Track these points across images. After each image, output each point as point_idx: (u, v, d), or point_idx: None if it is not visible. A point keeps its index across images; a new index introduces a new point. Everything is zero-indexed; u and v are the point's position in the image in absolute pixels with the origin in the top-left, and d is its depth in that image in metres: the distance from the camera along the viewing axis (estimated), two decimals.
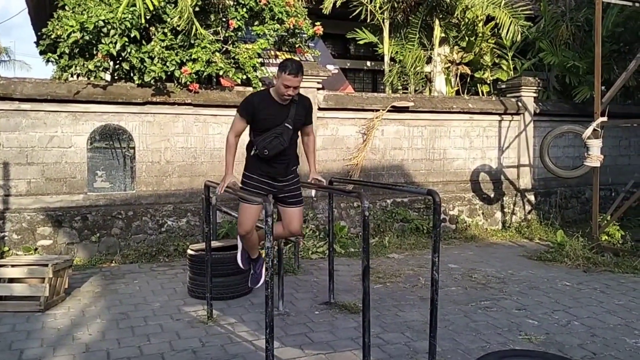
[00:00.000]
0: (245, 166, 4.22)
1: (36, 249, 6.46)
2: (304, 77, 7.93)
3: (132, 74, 6.89)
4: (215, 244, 5.36)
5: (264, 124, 4.03)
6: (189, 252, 5.34)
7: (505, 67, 10.76)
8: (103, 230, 6.77)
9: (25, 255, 6.19)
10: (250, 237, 4.23)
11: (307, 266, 6.48)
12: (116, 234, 6.83)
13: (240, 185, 4.18)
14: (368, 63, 13.53)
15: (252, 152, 4.13)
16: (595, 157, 7.12)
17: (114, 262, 6.64)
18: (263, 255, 4.41)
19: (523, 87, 9.26)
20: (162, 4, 6.61)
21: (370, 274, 3.80)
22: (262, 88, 7.39)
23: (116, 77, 7.11)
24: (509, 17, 9.49)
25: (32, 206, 6.55)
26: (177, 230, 7.10)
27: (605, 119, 7.09)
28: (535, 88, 9.37)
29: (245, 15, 7.15)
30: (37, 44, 7.11)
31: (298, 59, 8.84)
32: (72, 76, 6.74)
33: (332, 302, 5.06)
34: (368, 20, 10.29)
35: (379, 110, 8.22)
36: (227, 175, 4.13)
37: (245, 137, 4.26)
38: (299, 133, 4.33)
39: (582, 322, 4.67)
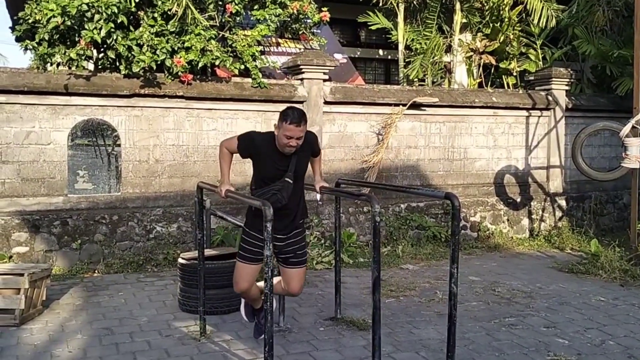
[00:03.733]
0: (245, 220, 4.28)
1: (11, 257, 6.50)
2: (311, 67, 7.99)
3: (118, 64, 6.93)
4: (209, 252, 5.39)
5: (262, 169, 4.09)
6: (180, 261, 5.37)
7: (533, 57, 10.76)
8: (85, 237, 6.81)
9: None
10: (248, 294, 4.26)
11: (311, 278, 6.49)
12: (99, 241, 6.88)
13: (240, 241, 4.24)
14: (380, 52, 13.56)
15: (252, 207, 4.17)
16: (634, 157, 7.10)
17: (96, 271, 6.68)
18: None
19: (554, 79, 9.25)
20: None
21: (381, 287, 3.81)
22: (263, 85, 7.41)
23: (100, 67, 7.16)
24: (540, 1, 9.49)
25: (6, 209, 6.60)
26: (166, 236, 7.14)
27: None
28: (567, 80, 9.35)
29: None
30: (13, 29, 7.17)
31: (302, 46, 8.91)
32: (51, 65, 6.79)
33: (339, 318, 5.07)
34: (381, 4, 10.33)
35: (392, 104, 8.24)
36: (224, 184, 4.17)
37: None
38: None
39: (618, 342, 4.66)
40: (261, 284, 4.34)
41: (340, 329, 4.86)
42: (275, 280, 4.32)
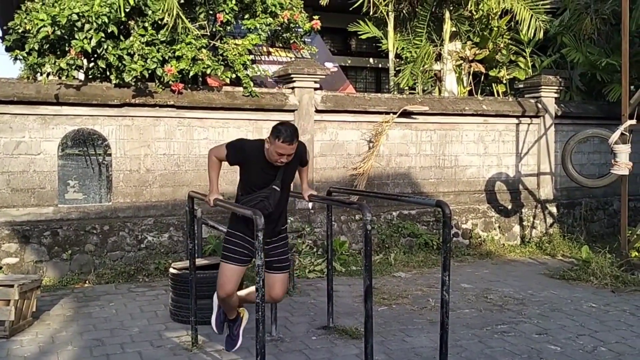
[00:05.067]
0: (229, 223, 4.25)
1: (0, 268, 6.45)
2: (302, 76, 7.99)
3: (108, 73, 6.92)
4: (200, 261, 5.37)
5: (250, 177, 4.08)
6: (172, 270, 5.34)
7: (522, 65, 10.82)
8: (75, 247, 6.77)
9: None
10: (231, 299, 4.19)
11: (303, 286, 6.48)
12: (90, 251, 6.83)
13: (223, 243, 4.20)
14: (371, 60, 13.61)
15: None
16: (623, 164, 7.15)
17: (87, 282, 6.63)
18: (242, 315, 4.37)
19: (543, 87, 9.31)
20: None
21: (373, 295, 3.81)
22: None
23: (91, 77, 7.15)
24: (529, 11, 9.57)
25: None
26: (158, 246, 7.10)
27: (634, 121, 7.13)
28: (556, 88, 9.42)
29: (235, 7, 7.20)
30: (3, 39, 7.15)
31: (293, 55, 8.93)
32: (41, 75, 6.77)
33: (331, 327, 5.06)
34: (371, 13, 10.38)
35: (383, 112, 8.26)
36: (212, 192, 4.16)
37: None
38: None
39: (610, 348, 4.67)
40: (241, 292, 4.31)
41: (332, 338, 4.84)
42: (250, 289, 4.30)
